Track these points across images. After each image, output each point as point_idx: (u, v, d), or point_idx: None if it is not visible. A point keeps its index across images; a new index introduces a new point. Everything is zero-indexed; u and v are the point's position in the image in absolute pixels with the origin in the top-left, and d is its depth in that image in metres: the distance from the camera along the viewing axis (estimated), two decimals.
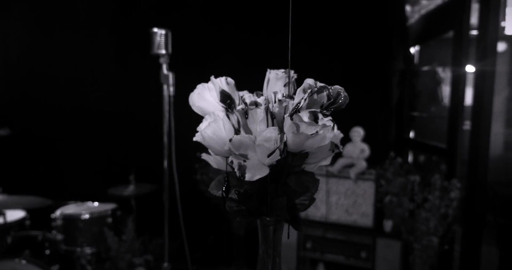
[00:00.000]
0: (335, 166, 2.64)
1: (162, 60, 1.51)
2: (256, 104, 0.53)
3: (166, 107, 1.48)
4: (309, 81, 0.53)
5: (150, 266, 2.28)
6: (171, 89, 1.49)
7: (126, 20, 2.95)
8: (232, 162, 0.52)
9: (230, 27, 2.84)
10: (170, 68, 1.51)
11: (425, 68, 2.78)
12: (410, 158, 2.94)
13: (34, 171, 3.00)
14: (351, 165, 2.62)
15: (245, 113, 0.52)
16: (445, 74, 2.57)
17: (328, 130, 0.50)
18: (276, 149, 0.49)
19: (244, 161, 0.52)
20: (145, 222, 2.54)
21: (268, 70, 0.59)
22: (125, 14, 2.95)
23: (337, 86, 0.53)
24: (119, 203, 2.53)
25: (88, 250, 2.30)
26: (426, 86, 2.80)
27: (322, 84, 0.53)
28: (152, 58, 1.55)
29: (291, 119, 0.50)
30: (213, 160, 0.60)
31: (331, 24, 2.79)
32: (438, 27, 2.48)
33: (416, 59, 2.81)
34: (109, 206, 2.46)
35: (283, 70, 0.59)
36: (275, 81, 0.58)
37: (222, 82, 0.58)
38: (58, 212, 2.36)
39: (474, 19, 2.02)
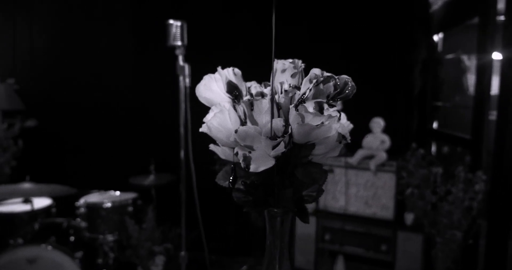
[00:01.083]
0: (354, 157, 2.60)
1: (178, 51, 1.51)
2: (262, 95, 0.52)
3: (182, 98, 1.49)
4: (315, 71, 0.52)
5: (170, 255, 2.33)
6: (187, 80, 1.49)
7: (142, 12, 2.97)
8: (237, 153, 0.51)
9: (245, 17, 2.82)
10: (186, 60, 1.52)
11: (449, 56, 2.68)
12: (433, 150, 2.86)
13: (60, 161, 3.10)
14: (371, 157, 2.57)
15: (250, 104, 0.52)
16: (470, 62, 2.47)
17: (334, 121, 0.49)
18: (281, 141, 0.49)
19: (250, 152, 0.51)
20: (165, 211, 2.58)
21: (276, 60, 0.58)
22: (142, 6, 2.97)
23: (344, 76, 0.52)
24: (140, 193, 2.58)
25: (110, 238, 2.37)
26: (450, 75, 2.70)
27: (328, 74, 0.52)
28: (168, 49, 1.56)
29: (296, 110, 0.49)
30: (220, 151, 0.60)
31: (351, 12, 2.73)
32: (462, 13, 2.38)
33: (439, 47, 2.71)
34: (130, 195, 2.52)
35: (290, 60, 0.57)
36: (282, 71, 0.57)
37: (229, 73, 0.57)
38: (82, 201, 2.44)
39: (501, 4, 1.92)
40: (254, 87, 0.55)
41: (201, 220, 1.55)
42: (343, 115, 0.59)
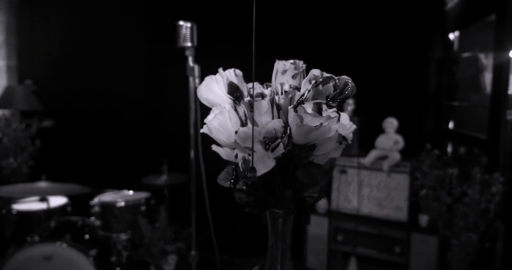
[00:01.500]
0: (367, 158, 2.57)
1: (187, 52, 1.53)
2: (262, 96, 0.52)
3: (192, 98, 1.50)
4: (314, 72, 0.51)
5: (182, 254, 2.35)
6: (197, 81, 1.50)
7: (155, 13, 3.01)
8: (237, 155, 0.51)
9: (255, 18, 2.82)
10: (195, 60, 1.53)
11: (466, 54, 2.62)
12: (449, 150, 2.80)
13: (75, 161, 3.16)
14: (384, 157, 2.54)
15: (250, 105, 0.51)
16: (487, 60, 2.41)
17: (333, 122, 0.48)
18: (280, 142, 0.48)
19: (249, 155, 0.51)
20: (177, 211, 2.61)
21: (277, 61, 0.57)
22: (155, 7, 3.01)
23: (344, 76, 0.51)
24: (153, 192, 2.61)
25: (123, 236, 2.40)
26: (466, 73, 2.64)
27: (328, 75, 0.51)
28: (178, 50, 1.57)
29: (295, 110, 0.48)
30: (222, 151, 0.60)
31: (365, 10, 2.70)
32: (479, 11, 2.32)
33: (455, 46, 2.66)
34: (143, 195, 2.55)
35: (291, 61, 0.57)
36: (283, 72, 0.56)
37: (230, 74, 0.57)
38: (96, 199, 2.48)
39: None
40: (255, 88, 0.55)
41: (211, 219, 1.55)
42: (345, 116, 0.58)
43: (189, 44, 1.51)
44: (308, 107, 0.48)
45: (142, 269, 2.44)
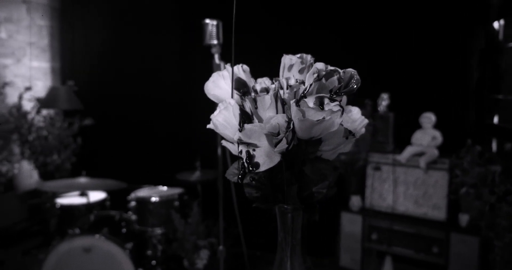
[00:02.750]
0: (403, 154, 2.48)
1: (214, 50, 1.54)
2: (267, 91, 0.51)
3: None
4: (318, 65, 0.50)
5: (214, 249, 2.38)
6: None
7: (186, 12, 3.06)
8: (241, 151, 0.51)
9: (278, 16, 2.81)
10: (221, 58, 1.54)
11: (511, 44, 2.45)
12: (494, 146, 2.64)
13: (114, 157, 3.29)
14: (421, 154, 2.44)
15: (254, 101, 0.51)
16: None
17: (336, 116, 0.47)
18: (282, 137, 0.47)
19: (254, 150, 0.50)
20: (209, 206, 2.65)
21: (284, 55, 0.56)
22: (186, 6, 3.06)
23: (350, 69, 0.49)
24: (186, 188, 2.67)
25: (158, 231, 2.47)
26: None
27: (332, 68, 0.49)
28: (205, 48, 1.59)
29: (298, 105, 0.47)
30: (232, 147, 0.59)
31: None
32: None
33: (500, 35, 2.49)
34: (177, 191, 2.61)
35: (298, 55, 0.56)
36: (290, 67, 0.55)
37: (238, 70, 0.57)
38: (132, 195, 2.57)
39: None
40: (259, 83, 0.54)
41: (238, 215, 1.57)
42: (357, 110, 0.56)
43: (215, 41, 1.52)
44: (310, 101, 0.47)
45: (176, 263, 2.50)
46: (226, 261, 2.10)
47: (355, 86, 0.49)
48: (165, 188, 2.69)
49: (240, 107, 0.53)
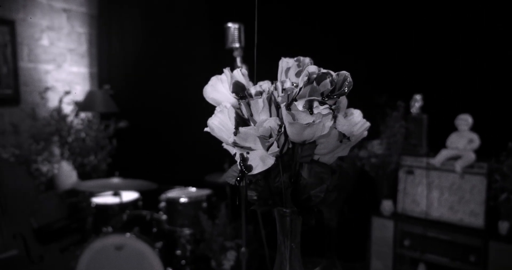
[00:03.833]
0: (437, 158, 2.37)
1: (236, 53, 1.55)
2: (261, 94, 0.51)
3: None
4: (309, 69, 0.49)
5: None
6: None
7: (216, 16, 3.10)
8: (235, 154, 0.51)
9: (299, 20, 2.79)
10: (243, 61, 1.55)
11: None
12: None
13: (146, 158, 3.39)
14: (456, 157, 2.32)
15: (248, 104, 0.51)
16: None
17: (327, 119, 0.46)
18: (273, 141, 0.47)
19: (248, 153, 0.50)
20: (237, 208, 2.66)
21: (282, 58, 0.56)
22: (217, 11, 3.11)
23: (343, 72, 0.48)
24: (215, 190, 2.70)
25: (187, 231, 2.52)
26: None
27: (324, 71, 0.48)
28: (227, 51, 1.61)
29: (289, 108, 0.46)
30: (232, 149, 0.60)
31: None
32: None
33: None
34: (205, 192, 2.65)
35: (295, 58, 0.55)
36: (287, 70, 0.55)
37: (238, 73, 0.57)
38: (163, 195, 2.64)
39: None
40: (254, 86, 0.54)
41: (260, 217, 1.57)
42: (358, 113, 0.54)
43: (237, 45, 1.54)
44: (300, 105, 0.46)
45: (205, 263, 2.54)
46: (252, 263, 2.11)
47: (346, 90, 0.47)
48: (193, 189, 2.74)
49: (236, 111, 0.53)
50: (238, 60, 1.55)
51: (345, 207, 2.74)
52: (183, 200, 2.51)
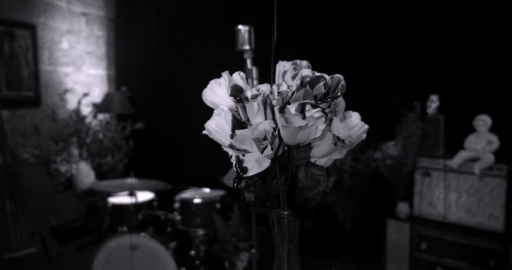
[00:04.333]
0: (454, 159, 2.32)
1: (246, 55, 1.56)
2: (257, 97, 0.51)
3: None
4: (303, 72, 0.49)
5: None
6: (255, 82, 1.52)
7: (230, 18, 3.11)
8: (231, 156, 0.51)
9: (315, 21, 2.78)
10: (253, 63, 1.55)
11: None
12: None
13: (162, 160, 3.44)
14: (475, 159, 2.26)
15: (243, 107, 0.51)
16: None
17: (320, 122, 0.45)
18: (267, 144, 0.47)
19: (243, 155, 0.50)
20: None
21: (279, 61, 0.56)
22: (230, 13, 3.12)
23: (337, 75, 0.48)
24: (228, 191, 2.71)
25: (200, 232, 2.54)
26: None
27: (318, 74, 0.48)
28: (237, 53, 1.62)
29: (282, 111, 0.46)
30: (232, 152, 0.60)
31: None
32: None
33: None
34: (219, 193, 2.66)
35: (292, 62, 0.55)
36: (284, 73, 0.55)
37: (236, 77, 0.58)
38: (178, 196, 2.66)
39: None
40: (250, 90, 0.54)
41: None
42: (356, 116, 0.54)
43: (247, 47, 1.54)
44: (292, 108, 0.46)
45: (218, 264, 2.55)
46: (264, 264, 2.10)
47: (338, 94, 0.47)
48: (208, 190, 2.76)
49: (233, 114, 0.53)
50: (248, 62, 1.55)
51: (359, 209, 2.71)
52: (197, 200, 2.53)
